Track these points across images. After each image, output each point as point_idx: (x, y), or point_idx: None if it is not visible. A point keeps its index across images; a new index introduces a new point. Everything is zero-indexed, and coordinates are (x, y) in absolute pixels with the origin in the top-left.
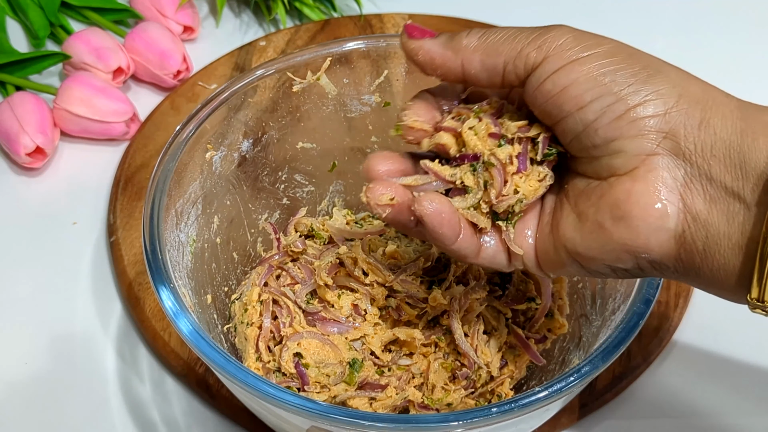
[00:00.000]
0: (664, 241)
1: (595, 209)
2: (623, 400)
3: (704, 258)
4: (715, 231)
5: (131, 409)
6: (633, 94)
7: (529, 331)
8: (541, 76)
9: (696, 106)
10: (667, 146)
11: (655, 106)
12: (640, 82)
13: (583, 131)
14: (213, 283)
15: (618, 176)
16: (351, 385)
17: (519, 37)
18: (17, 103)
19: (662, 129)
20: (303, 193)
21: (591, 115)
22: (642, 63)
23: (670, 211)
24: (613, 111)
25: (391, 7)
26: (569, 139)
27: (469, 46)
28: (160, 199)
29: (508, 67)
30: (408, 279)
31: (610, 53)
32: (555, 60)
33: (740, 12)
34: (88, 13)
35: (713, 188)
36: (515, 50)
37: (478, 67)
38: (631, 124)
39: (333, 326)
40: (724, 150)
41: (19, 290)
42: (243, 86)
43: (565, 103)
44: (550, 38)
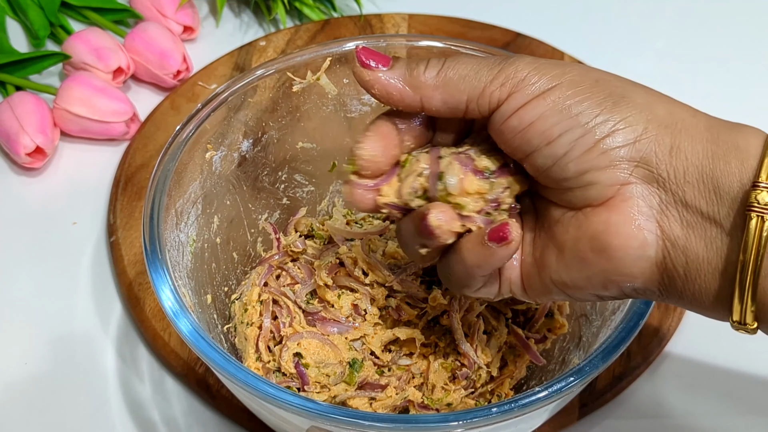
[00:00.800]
0: (646, 268)
1: (574, 241)
2: (623, 400)
3: (686, 282)
4: (695, 256)
5: (131, 409)
6: (601, 124)
7: (529, 331)
8: (505, 113)
9: (665, 132)
10: (639, 174)
11: (624, 134)
12: (606, 111)
13: (554, 165)
14: (213, 283)
15: (593, 207)
16: (351, 385)
17: (480, 73)
18: (17, 103)
19: (633, 158)
20: (303, 193)
21: (560, 149)
22: (607, 90)
23: (649, 239)
24: (582, 144)
25: (391, 7)
26: (540, 173)
27: (428, 84)
28: (160, 199)
29: (471, 106)
30: (408, 279)
31: (574, 83)
32: (519, 96)
33: (740, 12)
34: (88, 13)
35: (689, 214)
36: (477, 89)
37: (439, 105)
38: (602, 156)
39: (333, 326)
40: (697, 175)
41: (19, 290)
42: (243, 86)
43: (532, 138)
44: (512, 73)
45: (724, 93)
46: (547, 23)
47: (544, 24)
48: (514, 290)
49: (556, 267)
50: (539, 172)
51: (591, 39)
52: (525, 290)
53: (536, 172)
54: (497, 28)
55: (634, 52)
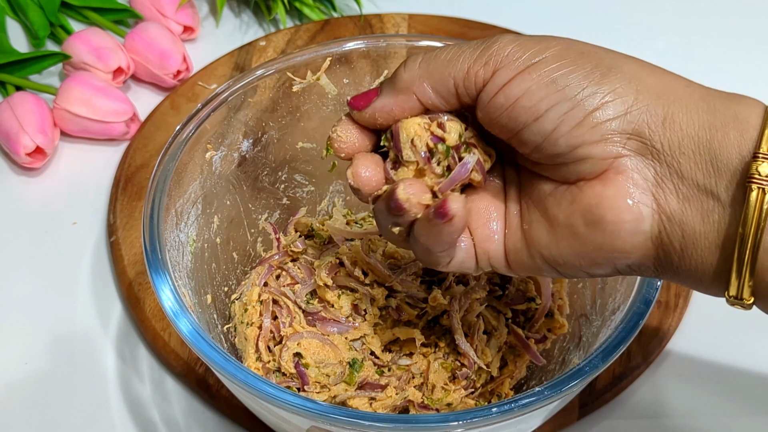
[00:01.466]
0: (641, 243)
1: (567, 215)
2: (623, 400)
3: (682, 257)
4: (691, 230)
5: (131, 409)
6: (589, 97)
7: (529, 331)
8: (491, 91)
9: (657, 102)
10: (633, 147)
11: (614, 107)
12: (594, 83)
13: (544, 141)
14: (213, 283)
15: (587, 180)
16: (351, 385)
17: (463, 56)
18: (17, 103)
19: (626, 130)
20: (303, 193)
21: (549, 124)
22: (593, 61)
23: (644, 212)
24: (571, 118)
25: (391, 7)
26: (530, 150)
27: (413, 78)
28: (160, 199)
29: (459, 89)
30: (408, 279)
31: (559, 55)
32: (503, 73)
33: (740, 12)
34: (88, 13)
35: (685, 186)
36: (462, 70)
37: (433, 95)
38: (593, 130)
39: (333, 326)
40: (693, 147)
41: (19, 290)
42: (243, 86)
43: (519, 114)
44: (495, 51)
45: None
46: (547, 23)
47: (544, 24)
48: (495, 265)
49: (547, 242)
50: (529, 149)
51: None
52: (509, 265)
53: (526, 149)
54: (497, 28)
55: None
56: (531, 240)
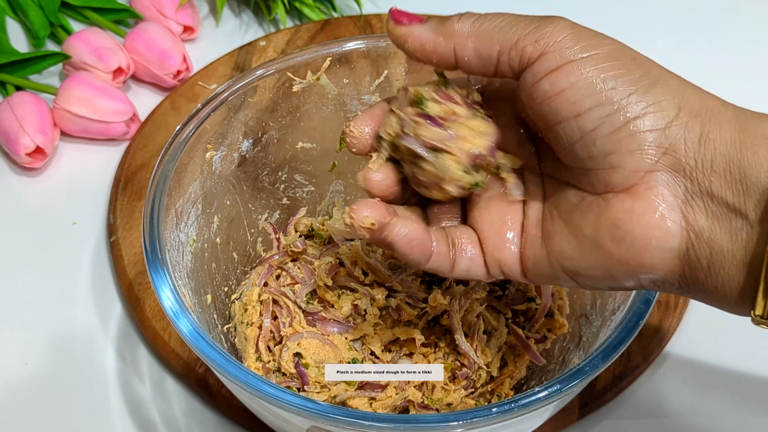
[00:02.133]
0: (668, 260)
1: (593, 228)
2: (623, 400)
3: (708, 275)
4: (719, 248)
5: (131, 409)
6: (633, 104)
7: (529, 331)
8: (537, 74)
9: (695, 119)
10: (666, 162)
11: (655, 119)
12: (641, 92)
13: (580, 140)
14: (213, 283)
15: (615, 193)
16: (351, 385)
17: (516, 26)
18: (17, 103)
19: (662, 144)
20: (303, 193)
21: (589, 123)
22: (643, 69)
23: (673, 229)
24: (612, 122)
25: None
26: (564, 146)
27: (462, 32)
28: (160, 199)
29: (502, 57)
30: (408, 279)
31: (611, 56)
32: (553, 58)
33: (740, 13)
34: (88, 13)
35: (715, 205)
36: (511, 40)
37: (471, 55)
38: (630, 138)
39: (333, 326)
40: (724, 165)
41: (19, 290)
42: (243, 86)
43: (561, 107)
44: (548, 32)
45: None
46: None
47: None
48: (509, 273)
49: (570, 254)
50: (563, 146)
51: None
52: (525, 273)
53: (560, 145)
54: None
55: None
56: (553, 250)
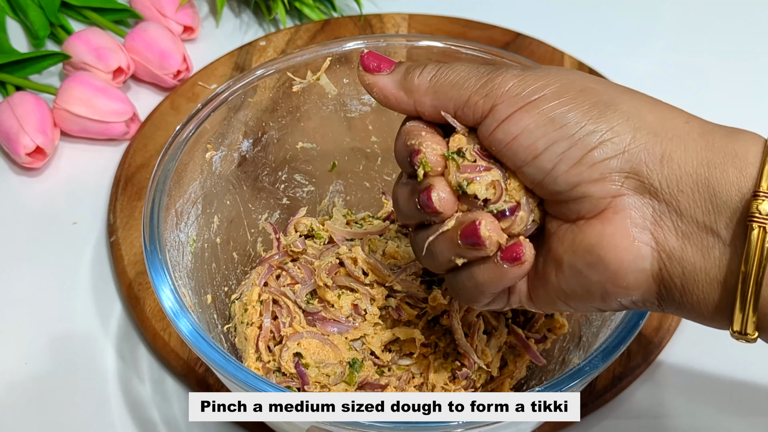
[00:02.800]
0: (643, 281)
1: (570, 255)
2: (623, 400)
3: (683, 293)
4: (691, 267)
5: (131, 409)
6: (587, 135)
7: (529, 331)
8: (491, 125)
9: (654, 140)
10: (631, 185)
11: (613, 145)
12: (592, 122)
13: (544, 179)
14: (213, 283)
15: (587, 219)
16: (351, 385)
17: (467, 82)
18: (17, 103)
19: (623, 168)
20: (303, 193)
21: (548, 163)
22: (593, 98)
23: (644, 251)
24: (569, 157)
25: (391, 7)
26: (533, 185)
27: (421, 88)
28: (160, 199)
29: (458, 113)
30: (408, 279)
31: (557, 94)
32: (503, 108)
33: (741, 12)
34: (88, 13)
35: (684, 224)
36: (463, 98)
37: (430, 110)
38: (592, 169)
39: (333, 326)
40: (692, 184)
41: (19, 290)
42: (243, 86)
43: (518, 152)
44: (496, 85)
45: (725, 93)
46: (547, 23)
47: (544, 24)
48: (523, 302)
49: (556, 280)
50: (533, 185)
51: (591, 39)
52: (533, 302)
53: (529, 184)
54: (497, 28)
55: (634, 52)
56: (544, 279)
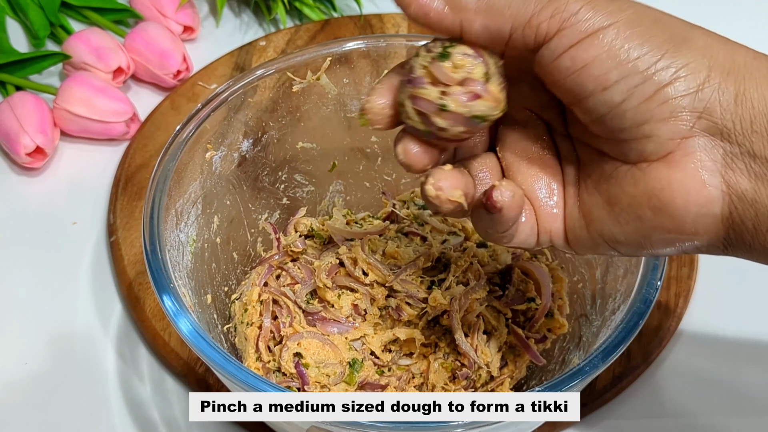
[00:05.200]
0: (711, 225)
1: (630, 198)
2: (623, 400)
3: (755, 235)
4: (765, 208)
5: (131, 409)
6: (661, 71)
7: (529, 331)
8: (556, 50)
9: (728, 78)
10: (702, 126)
11: (687, 82)
12: (668, 56)
13: (609, 113)
14: (213, 283)
15: (650, 162)
16: (351, 385)
17: (528, 2)
18: (17, 103)
19: (696, 108)
20: (303, 193)
21: (617, 96)
22: (667, 31)
23: (714, 195)
24: (641, 92)
25: (391, 7)
26: (592, 119)
27: (470, 5)
28: (160, 199)
29: (515, 35)
30: (408, 279)
31: (632, 22)
32: (571, 32)
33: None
34: (88, 13)
35: (758, 165)
36: (524, 17)
37: (480, 30)
38: (663, 106)
39: (333, 326)
40: (766, 123)
41: (19, 290)
42: (243, 86)
43: (586, 82)
44: (563, 5)
45: None
46: None
47: None
48: (556, 242)
49: (609, 223)
50: (592, 119)
51: None
52: (568, 243)
53: (589, 118)
54: None
55: None
56: (591, 220)
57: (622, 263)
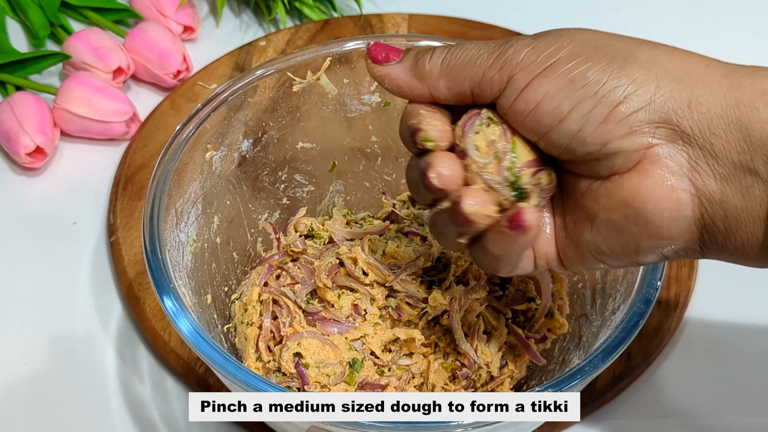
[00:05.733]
0: (685, 229)
1: (606, 211)
2: (623, 400)
3: (726, 235)
4: (733, 208)
5: (131, 409)
6: (611, 91)
7: (529, 331)
8: (510, 97)
9: (679, 86)
10: (663, 135)
11: (638, 97)
12: (613, 77)
13: (572, 142)
14: (213, 283)
15: (621, 174)
16: (351, 385)
17: (479, 60)
18: (17, 103)
19: (653, 119)
20: (303, 193)
21: (574, 125)
22: (609, 54)
23: (684, 198)
24: (596, 115)
25: (391, 7)
26: (559, 151)
27: (433, 72)
28: (160, 199)
29: (474, 91)
30: (408, 279)
31: (573, 54)
32: (520, 77)
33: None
34: (88, 13)
35: (721, 166)
36: (478, 75)
37: (446, 93)
38: (620, 124)
39: (333, 326)
40: (723, 126)
41: (19, 290)
42: (243, 86)
43: (542, 118)
44: (509, 56)
45: None
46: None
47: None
48: (551, 264)
49: (592, 238)
50: (559, 151)
51: None
52: (562, 263)
53: (555, 150)
54: (497, 28)
55: None
56: (577, 238)
57: None
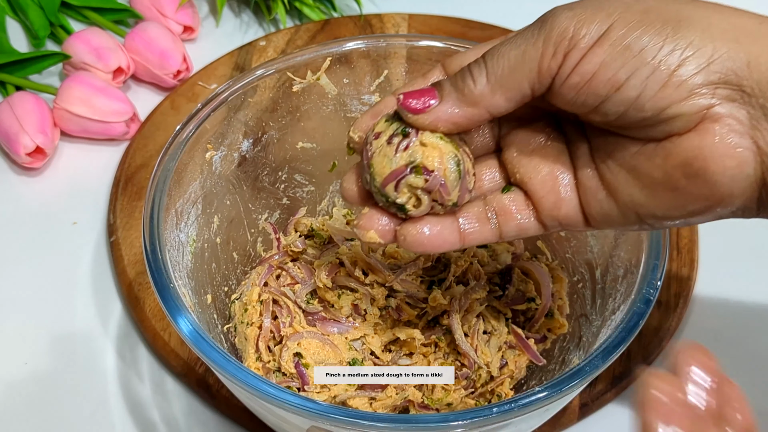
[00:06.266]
0: (746, 187)
1: (663, 171)
2: (623, 400)
3: None
4: None
5: (131, 409)
6: (668, 56)
7: (529, 331)
8: (564, 74)
9: (736, 46)
10: (723, 95)
11: (696, 60)
12: (670, 41)
13: (628, 109)
14: (213, 283)
15: (679, 135)
16: (351, 384)
17: (527, 55)
18: (17, 103)
19: (712, 81)
20: (303, 193)
21: (632, 92)
22: (661, 17)
23: (746, 156)
24: (654, 81)
25: (391, 7)
26: (613, 121)
27: (485, 93)
28: (160, 199)
29: (534, 87)
30: (408, 279)
31: (624, 21)
32: (574, 54)
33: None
34: (88, 13)
35: None
36: (534, 71)
37: (507, 105)
38: (680, 88)
39: (333, 326)
40: None
41: (19, 290)
42: (243, 86)
43: (598, 88)
44: (557, 37)
45: None
46: None
47: None
48: (569, 225)
49: (643, 200)
50: (611, 118)
51: None
52: (589, 223)
53: (607, 118)
54: (497, 28)
55: None
56: (622, 200)
57: (622, 263)
